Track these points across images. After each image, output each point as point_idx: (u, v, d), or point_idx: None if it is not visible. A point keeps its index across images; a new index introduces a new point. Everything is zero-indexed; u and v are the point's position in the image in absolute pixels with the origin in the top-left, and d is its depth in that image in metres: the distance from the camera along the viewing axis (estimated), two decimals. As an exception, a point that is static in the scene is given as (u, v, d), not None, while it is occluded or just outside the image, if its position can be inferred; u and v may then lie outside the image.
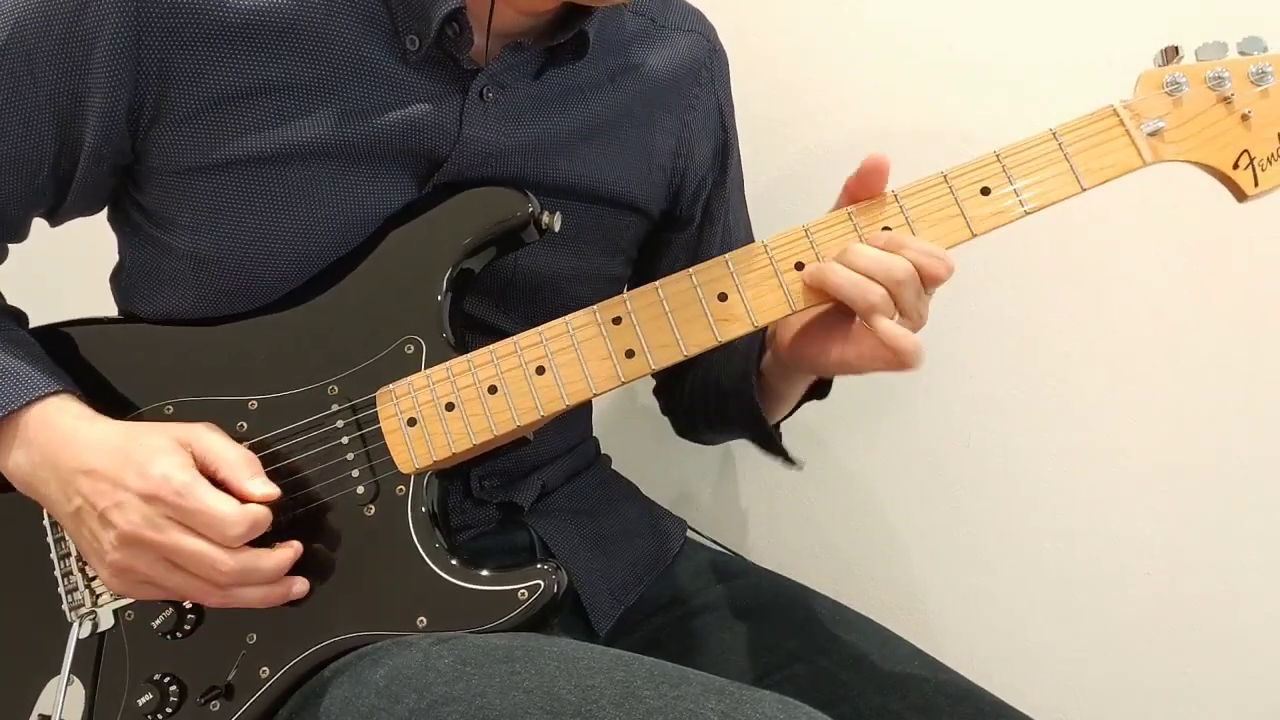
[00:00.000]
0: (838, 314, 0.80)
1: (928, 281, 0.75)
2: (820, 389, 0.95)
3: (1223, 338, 1.06)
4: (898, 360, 0.76)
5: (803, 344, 0.83)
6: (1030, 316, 1.14)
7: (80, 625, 0.81)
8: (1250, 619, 1.07)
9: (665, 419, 1.13)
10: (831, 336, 0.80)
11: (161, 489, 0.73)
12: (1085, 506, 1.13)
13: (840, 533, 1.26)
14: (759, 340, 0.91)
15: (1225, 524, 1.07)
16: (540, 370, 0.79)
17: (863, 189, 0.78)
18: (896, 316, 0.76)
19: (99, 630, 0.82)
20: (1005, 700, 0.84)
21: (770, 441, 0.99)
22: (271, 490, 0.76)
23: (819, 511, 1.27)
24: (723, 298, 0.78)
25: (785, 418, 1.02)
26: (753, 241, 1.08)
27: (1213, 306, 1.06)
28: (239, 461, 0.76)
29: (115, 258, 0.93)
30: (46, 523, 0.84)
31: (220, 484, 0.75)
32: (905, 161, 1.13)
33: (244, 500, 0.75)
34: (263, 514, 0.75)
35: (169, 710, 0.79)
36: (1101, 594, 1.13)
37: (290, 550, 0.77)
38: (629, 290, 0.82)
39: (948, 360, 1.17)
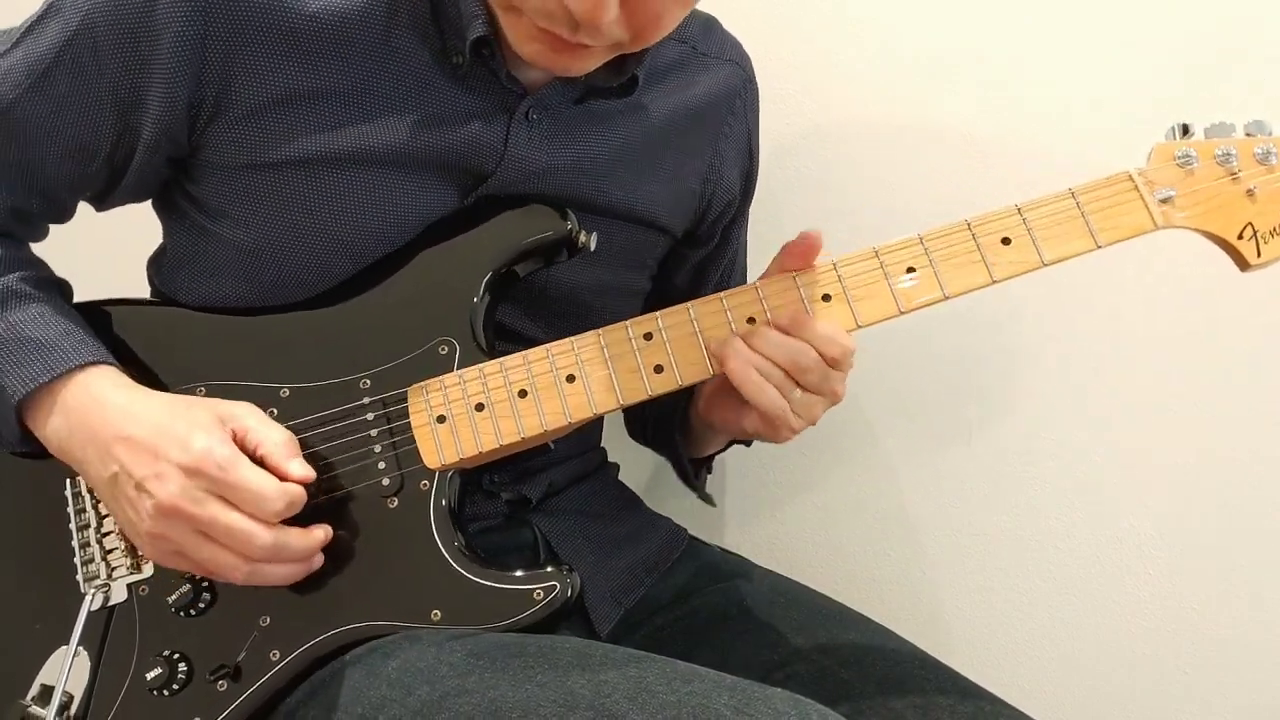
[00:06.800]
0: None
1: (830, 365, 0.80)
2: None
3: (1223, 338, 1.08)
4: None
5: (716, 406, 0.86)
6: (1031, 317, 1.15)
7: (93, 597, 0.82)
8: (1250, 619, 1.08)
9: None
10: (744, 406, 0.83)
11: (204, 463, 0.74)
12: (1086, 506, 1.14)
13: (841, 533, 1.26)
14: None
15: (1225, 524, 1.08)
16: (571, 378, 0.82)
17: (791, 262, 0.82)
18: (799, 392, 0.80)
19: (110, 603, 0.82)
20: (1005, 700, 0.84)
21: (685, 476, 1.02)
22: (309, 472, 0.78)
23: (820, 512, 1.27)
24: (750, 321, 0.82)
25: (716, 454, 1.05)
26: (745, 259, 1.13)
27: (1213, 307, 1.08)
28: (279, 442, 0.78)
29: (146, 242, 0.94)
30: (68, 493, 0.85)
31: (258, 463, 0.77)
32: (905, 165, 1.17)
33: (281, 480, 0.76)
34: (300, 493, 0.77)
35: (175, 687, 0.79)
36: (1101, 594, 1.14)
37: (322, 532, 0.78)
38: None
39: (949, 361, 1.19)
